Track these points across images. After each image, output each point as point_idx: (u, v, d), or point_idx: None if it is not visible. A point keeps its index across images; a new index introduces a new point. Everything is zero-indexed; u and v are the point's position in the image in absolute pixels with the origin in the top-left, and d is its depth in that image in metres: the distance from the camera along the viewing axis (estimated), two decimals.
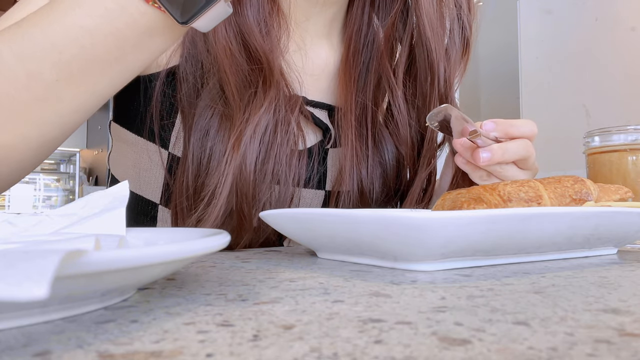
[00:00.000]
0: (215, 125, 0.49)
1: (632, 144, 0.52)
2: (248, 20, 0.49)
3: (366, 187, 0.56)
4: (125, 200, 0.29)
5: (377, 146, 0.58)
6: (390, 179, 0.59)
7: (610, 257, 0.39)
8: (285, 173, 0.50)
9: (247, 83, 0.49)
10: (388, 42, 0.58)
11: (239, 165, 0.46)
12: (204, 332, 0.17)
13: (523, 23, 2.31)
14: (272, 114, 0.49)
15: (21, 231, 0.27)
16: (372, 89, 0.58)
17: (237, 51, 0.48)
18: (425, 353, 0.14)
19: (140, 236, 0.28)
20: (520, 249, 0.33)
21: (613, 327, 0.17)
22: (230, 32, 0.48)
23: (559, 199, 0.39)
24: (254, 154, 0.47)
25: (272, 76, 0.49)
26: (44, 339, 0.16)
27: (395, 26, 0.58)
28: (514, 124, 0.49)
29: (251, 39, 0.49)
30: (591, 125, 1.93)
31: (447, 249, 0.29)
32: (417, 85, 0.59)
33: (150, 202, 0.53)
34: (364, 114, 0.57)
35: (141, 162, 0.53)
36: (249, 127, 0.47)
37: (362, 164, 0.56)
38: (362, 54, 0.59)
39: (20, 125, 0.36)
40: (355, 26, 0.60)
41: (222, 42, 0.48)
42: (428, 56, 0.56)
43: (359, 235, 0.31)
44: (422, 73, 0.58)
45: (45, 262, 0.13)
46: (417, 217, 0.27)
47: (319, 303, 0.21)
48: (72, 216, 0.28)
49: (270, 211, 0.37)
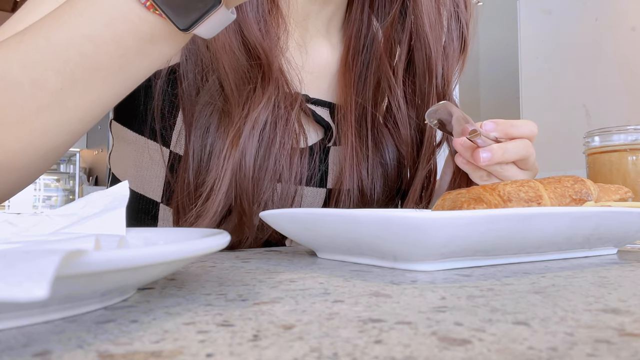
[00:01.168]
0: (215, 122, 0.49)
1: (632, 144, 0.52)
2: (247, 17, 0.49)
3: (366, 187, 0.56)
4: (125, 200, 0.29)
5: (377, 146, 0.58)
6: (392, 179, 0.59)
7: (610, 257, 0.39)
8: (286, 170, 0.50)
9: (246, 79, 0.49)
10: (387, 43, 0.59)
11: (237, 161, 0.46)
12: (204, 332, 0.17)
13: (523, 23, 2.31)
14: (271, 110, 0.49)
15: (21, 231, 0.27)
16: (372, 89, 0.58)
17: (236, 48, 0.49)
18: (425, 353, 0.14)
19: (140, 236, 0.28)
20: (520, 249, 0.33)
21: (613, 327, 0.17)
22: (230, 28, 0.48)
23: (559, 199, 0.39)
24: (252, 149, 0.47)
25: (271, 72, 0.49)
26: (44, 339, 0.16)
27: (394, 26, 0.59)
28: (514, 124, 0.49)
29: (250, 35, 0.49)
30: (591, 125, 1.93)
31: (447, 249, 0.29)
32: (416, 84, 0.59)
33: (151, 200, 0.53)
34: (364, 115, 0.58)
35: (142, 160, 0.53)
36: (247, 123, 0.47)
37: (362, 164, 0.56)
38: (362, 55, 0.60)
39: (26, 133, 0.36)
40: (354, 27, 0.60)
41: (221, 39, 0.48)
42: (426, 55, 0.57)
43: (359, 235, 0.31)
44: (420, 72, 0.58)
45: (46, 262, 0.13)
46: (416, 217, 0.27)
47: (319, 303, 0.21)
48: (72, 216, 0.28)
49: (270, 211, 0.37)
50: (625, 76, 1.89)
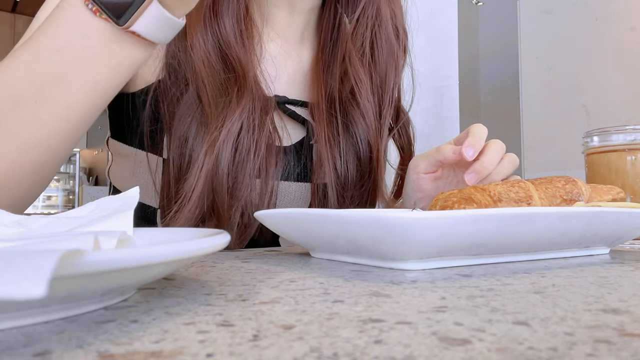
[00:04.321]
0: (193, 132, 0.51)
1: (630, 143, 0.52)
2: (225, 30, 0.52)
3: (340, 170, 0.59)
4: (134, 204, 0.29)
5: (347, 130, 0.60)
6: (364, 161, 0.61)
7: (610, 257, 0.39)
8: (263, 170, 0.52)
9: (222, 91, 0.52)
10: (353, 35, 0.62)
11: (212, 169, 0.48)
12: (204, 332, 0.17)
13: (523, 23, 2.31)
14: (246, 117, 0.51)
15: (30, 232, 0.28)
16: (339, 79, 0.61)
17: (214, 60, 0.51)
18: (425, 353, 0.14)
19: (141, 236, 0.28)
20: (511, 248, 0.33)
21: (613, 327, 0.17)
22: (209, 42, 0.51)
23: (549, 199, 0.39)
24: (227, 156, 0.49)
25: (246, 83, 0.52)
26: (44, 339, 0.16)
27: (358, 21, 0.62)
28: (476, 136, 0.50)
29: (228, 49, 0.52)
30: (591, 125, 1.93)
31: (436, 248, 0.30)
32: (377, 72, 0.63)
33: (149, 207, 0.56)
34: (332, 103, 0.60)
35: (139, 171, 0.56)
36: (222, 131, 0.49)
37: (334, 149, 0.58)
38: (330, 47, 0.63)
39: (12, 150, 0.38)
40: (327, 25, 0.64)
41: (200, 53, 0.51)
42: (387, 43, 0.62)
43: (351, 234, 0.31)
44: (382, 60, 0.62)
45: (44, 261, 0.13)
46: (406, 217, 0.27)
47: (319, 303, 0.21)
48: (81, 219, 0.29)
49: (264, 211, 0.38)
50: (625, 76, 1.89)
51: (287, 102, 0.59)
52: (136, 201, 0.30)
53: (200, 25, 0.51)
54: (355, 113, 0.60)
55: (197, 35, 0.51)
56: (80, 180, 4.78)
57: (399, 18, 0.65)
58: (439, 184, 0.57)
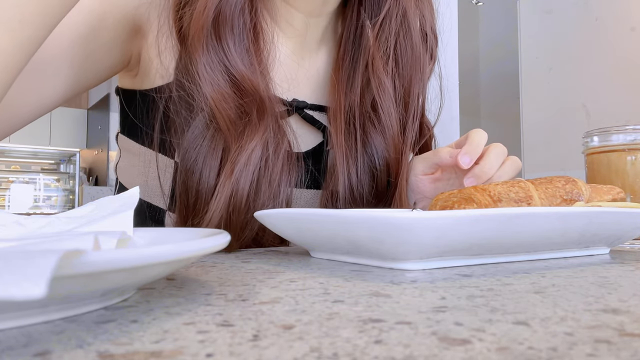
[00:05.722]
0: (204, 149, 0.49)
1: (630, 143, 0.52)
2: (231, 54, 0.49)
3: (355, 183, 0.56)
4: (134, 204, 0.29)
5: (365, 148, 0.58)
6: (381, 182, 0.59)
7: (610, 257, 0.39)
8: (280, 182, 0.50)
9: (240, 114, 0.49)
10: (376, 41, 0.59)
11: (232, 192, 0.47)
12: (204, 332, 0.17)
13: (523, 23, 2.31)
14: (267, 140, 0.49)
15: (30, 232, 0.28)
16: (360, 88, 0.59)
17: (224, 87, 0.48)
18: (425, 353, 0.14)
19: (141, 236, 0.28)
20: (511, 248, 0.34)
21: (613, 327, 0.17)
22: (216, 69, 0.48)
23: (549, 199, 0.39)
24: (248, 179, 0.47)
25: (264, 106, 0.49)
26: (44, 339, 0.16)
27: (382, 26, 0.59)
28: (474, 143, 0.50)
29: (238, 74, 0.49)
30: (591, 125, 1.93)
31: (436, 248, 0.30)
32: (402, 82, 0.60)
33: (157, 208, 0.55)
34: (352, 115, 0.58)
35: (149, 170, 0.55)
36: (243, 155, 0.47)
37: (351, 163, 0.56)
38: (352, 54, 0.60)
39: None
40: (347, 28, 0.61)
41: (208, 81, 0.48)
42: (413, 51, 0.59)
43: (351, 234, 0.31)
44: (406, 69, 0.59)
45: (44, 261, 0.13)
46: (406, 217, 0.27)
47: (319, 303, 0.21)
48: (81, 219, 0.29)
49: (264, 211, 0.38)
50: (625, 76, 1.89)
51: (307, 107, 0.57)
52: (136, 201, 0.30)
53: (203, 51, 0.48)
54: (374, 130, 0.57)
55: (201, 64, 0.48)
56: (80, 180, 4.78)
57: (428, 21, 0.60)
58: (438, 185, 0.56)
